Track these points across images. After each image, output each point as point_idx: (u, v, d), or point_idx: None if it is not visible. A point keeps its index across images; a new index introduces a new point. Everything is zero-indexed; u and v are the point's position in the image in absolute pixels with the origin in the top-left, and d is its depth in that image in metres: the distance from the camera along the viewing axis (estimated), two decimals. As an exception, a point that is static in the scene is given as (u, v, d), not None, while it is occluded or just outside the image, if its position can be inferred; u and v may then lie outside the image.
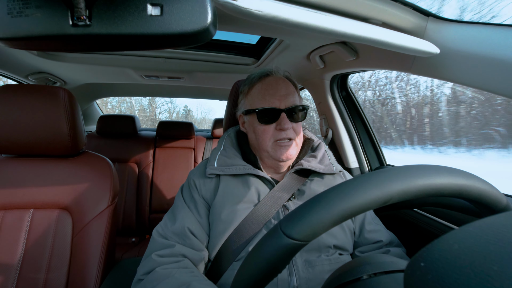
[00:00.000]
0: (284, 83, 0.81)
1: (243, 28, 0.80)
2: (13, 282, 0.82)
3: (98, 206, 0.92)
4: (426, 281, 0.21)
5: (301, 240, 0.30)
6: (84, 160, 0.99)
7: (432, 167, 0.33)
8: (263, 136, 0.78)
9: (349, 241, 0.77)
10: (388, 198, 0.31)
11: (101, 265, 0.89)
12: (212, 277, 0.71)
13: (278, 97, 0.78)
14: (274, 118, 0.77)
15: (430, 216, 0.90)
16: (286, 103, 0.78)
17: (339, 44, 0.96)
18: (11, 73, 1.46)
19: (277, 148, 0.77)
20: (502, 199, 0.35)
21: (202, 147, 2.34)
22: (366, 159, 1.33)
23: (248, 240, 0.70)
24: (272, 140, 0.78)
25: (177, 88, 2.26)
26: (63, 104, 0.90)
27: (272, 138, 0.78)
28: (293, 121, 0.78)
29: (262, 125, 0.78)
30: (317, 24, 0.52)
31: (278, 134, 0.77)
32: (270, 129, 0.78)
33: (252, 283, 0.33)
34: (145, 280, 0.64)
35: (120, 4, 0.36)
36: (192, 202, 0.78)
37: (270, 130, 0.78)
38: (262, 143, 0.79)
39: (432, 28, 0.67)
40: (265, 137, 0.78)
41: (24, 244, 0.86)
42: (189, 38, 0.38)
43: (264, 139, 0.78)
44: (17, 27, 0.35)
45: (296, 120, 0.79)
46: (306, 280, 0.66)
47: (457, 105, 6.14)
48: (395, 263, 0.37)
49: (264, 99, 0.78)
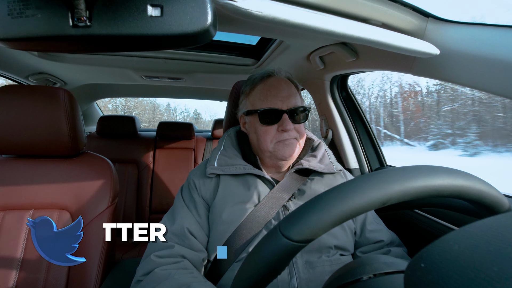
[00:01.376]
0: (286, 84, 0.81)
1: (243, 29, 0.80)
2: (13, 282, 0.82)
3: (98, 207, 0.92)
4: (426, 282, 0.21)
5: (300, 242, 0.30)
6: (84, 161, 0.99)
7: (430, 168, 0.33)
8: (264, 137, 0.78)
9: (350, 241, 0.77)
10: (387, 199, 0.31)
11: (101, 266, 0.88)
12: (212, 278, 0.71)
13: (281, 98, 0.77)
14: (276, 119, 0.77)
15: (430, 217, 0.90)
16: (288, 104, 0.77)
17: (339, 45, 0.96)
18: (12, 73, 1.47)
19: (279, 146, 0.77)
20: (503, 200, 0.35)
21: (202, 147, 2.33)
22: (366, 160, 1.33)
23: (248, 241, 0.70)
24: (274, 141, 0.78)
25: (177, 89, 2.26)
26: (63, 104, 0.90)
27: (274, 139, 0.78)
28: (295, 122, 0.78)
29: (264, 126, 0.78)
30: (317, 25, 0.52)
31: (280, 135, 0.77)
32: (272, 130, 0.78)
33: (252, 284, 0.32)
34: (144, 281, 0.64)
35: (120, 5, 0.36)
36: (191, 202, 0.78)
37: (272, 131, 0.78)
38: (264, 144, 0.79)
39: (432, 29, 0.67)
40: (267, 138, 0.78)
41: (24, 245, 0.86)
42: (189, 39, 0.38)
43: (266, 140, 0.78)
44: (17, 28, 0.35)
45: (298, 121, 0.79)
46: (307, 281, 0.66)
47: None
48: (395, 264, 0.37)
49: (266, 100, 0.78)
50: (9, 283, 0.82)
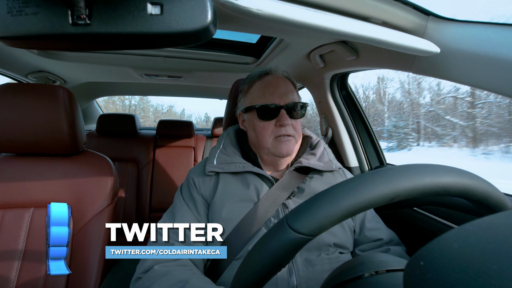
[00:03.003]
0: (284, 81, 0.82)
1: (243, 27, 0.80)
2: (13, 282, 0.82)
3: (98, 205, 0.92)
4: (426, 280, 0.21)
5: (307, 235, 0.30)
6: (84, 159, 0.99)
7: (438, 166, 0.33)
8: (263, 133, 0.79)
9: (349, 239, 0.77)
10: (395, 195, 0.31)
11: (101, 264, 0.89)
12: (212, 276, 0.71)
13: (278, 95, 0.78)
14: (274, 115, 0.78)
15: (429, 215, 0.90)
16: (285, 100, 0.78)
17: (339, 43, 0.95)
18: (11, 72, 1.46)
19: (277, 143, 0.78)
20: (506, 201, 0.35)
21: (202, 146, 2.33)
22: (366, 158, 1.33)
23: (248, 239, 0.70)
24: (272, 137, 0.78)
25: (177, 87, 2.26)
26: (63, 103, 0.90)
27: (272, 135, 0.78)
28: (293, 118, 0.79)
29: (262, 122, 0.78)
30: (317, 23, 0.52)
31: (278, 130, 0.77)
32: (270, 126, 0.78)
33: (254, 278, 0.32)
34: (144, 278, 0.64)
35: (120, 3, 0.36)
36: (191, 200, 0.78)
37: (270, 127, 0.78)
38: (262, 140, 0.79)
39: (433, 27, 0.67)
40: (265, 133, 0.78)
41: (24, 243, 0.86)
42: (189, 37, 0.38)
43: (264, 136, 0.78)
44: (17, 26, 0.35)
45: (295, 117, 0.80)
46: (306, 279, 0.66)
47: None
48: (397, 262, 0.38)
49: (264, 96, 0.79)
50: (9, 282, 0.82)
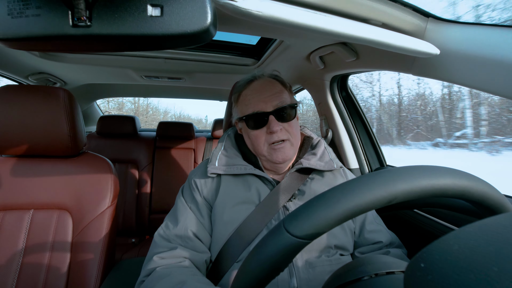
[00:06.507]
0: (270, 84, 0.81)
1: (243, 29, 0.80)
2: (13, 282, 0.82)
3: (98, 207, 0.92)
4: (426, 281, 0.21)
5: (304, 238, 0.30)
6: (84, 161, 0.99)
7: (436, 168, 0.33)
8: (257, 141, 0.78)
9: (349, 241, 0.77)
10: (392, 198, 0.31)
11: (101, 266, 0.88)
12: (213, 278, 0.71)
13: (263, 99, 0.77)
14: (263, 122, 0.77)
15: (430, 217, 0.90)
16: (273, 103, 0.77)
17: (339, 45, 0.96)
18: (12, 73, 1.47)
19: (272, 151, 0.77)
20: (504, 201, 0.35)
21: (202, 147, 2.33)
22: (366, 160, 1.33)
23: (249, 241, 0.70)
24: (266, 145, 0.78)
25: (177, 89, 2.26)
26: (63, 104, 0.90)
27: (266, 143, 0.77)
28: (284, 121, 0.77)
29: (253, 131, 0.78)
30: (317, 25, 0.52)
31: (270, 137, 0.76)
32: (262, 134, 0.77)
33: (253, 281, 0.32)
34: (146, 281, 0.64)
35: (120, 4, 0.36)
36: (193, 203, 0.78)
37: (262, 135, 0.77)
38: (258, 148, 0.79)
39: (432, 29, 0.67)
40: (259, 142, 0.78)
41: (24, 245, 0.86)
42: (189, 38, 0.38)
43: (259, 144, 0.78)
44: (17, 27, 0.35)
45: (287, 120, 0.78)
46: (307, 281, 0.66)
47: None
48: (397, 264, 0.37)
49: (250, 105, 0.78)
50: (9, 282, 0.82)
